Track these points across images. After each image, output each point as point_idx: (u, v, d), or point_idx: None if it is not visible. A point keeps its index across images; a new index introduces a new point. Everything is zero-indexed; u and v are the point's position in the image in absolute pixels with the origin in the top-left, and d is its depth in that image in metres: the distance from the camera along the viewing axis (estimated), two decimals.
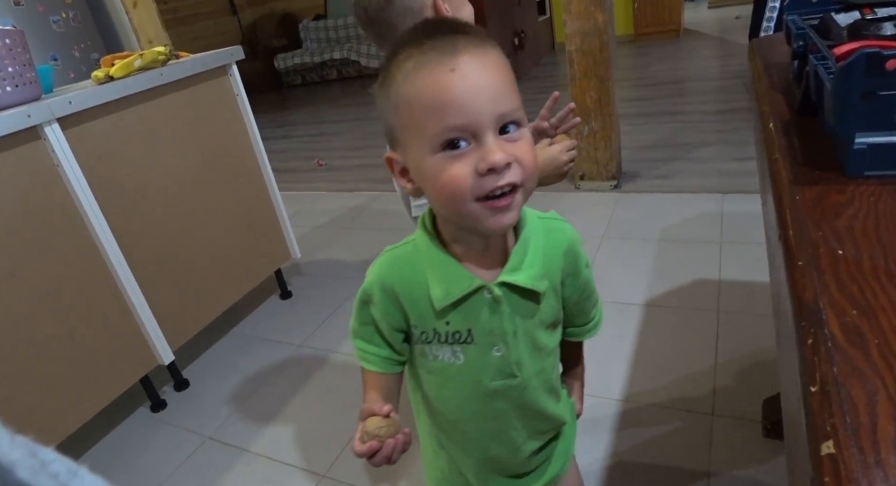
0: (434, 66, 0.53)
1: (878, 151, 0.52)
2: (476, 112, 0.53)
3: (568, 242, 0.69)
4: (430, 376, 0.71)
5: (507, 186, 0.54)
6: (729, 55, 4.77)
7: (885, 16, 0.73)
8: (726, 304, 1.73)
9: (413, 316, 0.67)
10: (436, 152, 0.54)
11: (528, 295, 0.65)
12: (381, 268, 0.68)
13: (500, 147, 0.53)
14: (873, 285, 0.40)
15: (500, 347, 0.66)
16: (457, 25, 0.57)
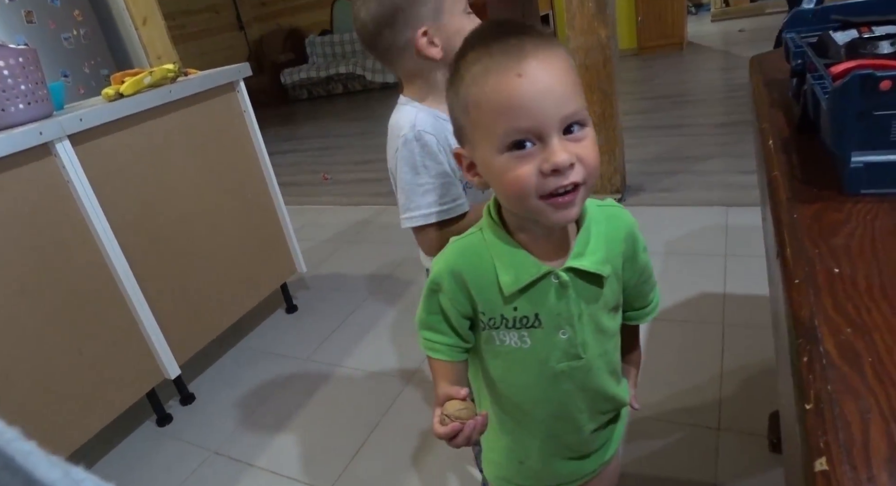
0: (502, 71, 0.56)
1: (874, 169, 0.53)
2: (542, 115, 0.55)
3: (627, 227, 0.72)
4: (496, 361, 0.74)
5: (570, 185, 0.57)
6: (733, 68, 4.79)
7: (883, 34, 0.74)
8: (731, 317, 1.73)
9: (481, 302, 0.69)
10: (503, 152, 0.58)
11: (593, 279, 0.68)
12: (449, 256, 0.71)
13: (563, 148, 0.56)
14: (868, 303, 0.41)
15: (567, 329, 0.69)
16: (524, 28, 0.59)
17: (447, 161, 0.90)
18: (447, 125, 0.86)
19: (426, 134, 0.89)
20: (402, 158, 0.90)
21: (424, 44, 0.88)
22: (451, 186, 0.91)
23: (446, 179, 0.90)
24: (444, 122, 0.90)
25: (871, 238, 0.48)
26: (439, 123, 0.90)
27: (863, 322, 0.39)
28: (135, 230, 1.65)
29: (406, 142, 0.89)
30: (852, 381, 0.35)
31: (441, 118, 0.91)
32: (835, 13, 0.86)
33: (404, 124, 0.90)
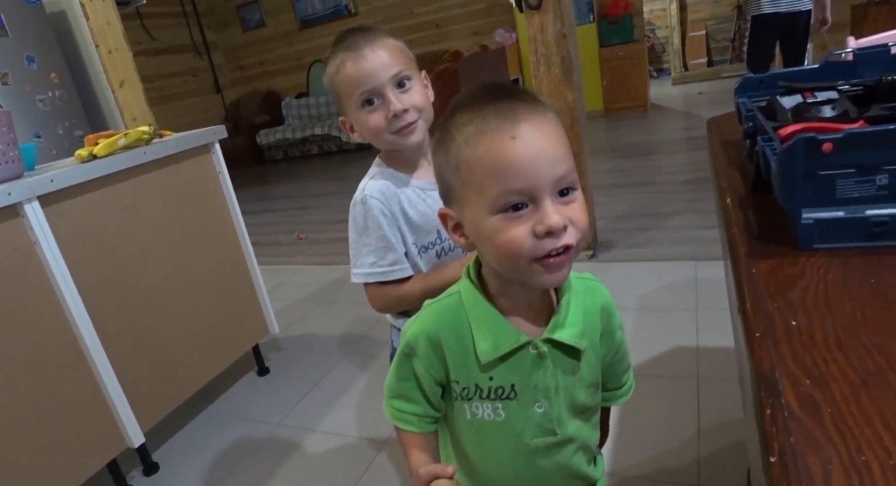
0: (496, 133, 0.57)
1: (824, 225, 0.56)
2: (536, 177, 0.56)
3: (604, 302, 0.71)
4: (469, 434, 0.72)
5: (562, 247, 0.57)
6: (694, 128, 5.01)
7: (825, 99, 0.79)
8: (705, 371, 1.74)
9: (455, 370, 0.68)
10: (495, 213, 0.58)
11: (571, 352, 0.67)
12: (425, 320, 0.69)
13: (557, 210, 0.57)
14: (825, 354, 0.42)
15: (543, 403, 0.67)
16: (515, 91, 0.61)
17: (389, 227, 0.96)
18: (404, 193, 0.97)
19: (371, 199, 0.96)
20: (351, 218, 0.99)
21: (347, 128, 0.99)
22: (389, 252, 0.97)
23: (385, 243, 0.96)
24: (405, 188, 0.98)
25: (824, 291, 0.50)
26: (391, 190, 0.97)
27: (820, 374, 0.40)
28: (103, 291, 1.62)
29: (355, 203, 0.98)
30: (814, 432, 0.36)
31: (402, 182, 0.98)
32: (781, 80, 0.92)
33: (360, 186, 0.99)
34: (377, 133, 0.94)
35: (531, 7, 2.41)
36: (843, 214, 0.55)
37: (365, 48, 0.90)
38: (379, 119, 0.92)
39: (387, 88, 0.91)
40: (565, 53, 2.44)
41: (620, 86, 6.12)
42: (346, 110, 0.96)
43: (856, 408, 0.37)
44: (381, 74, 0.90)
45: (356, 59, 0.90)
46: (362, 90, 0.91)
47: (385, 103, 0.92)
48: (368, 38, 0.92)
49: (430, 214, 0.99)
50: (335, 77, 0.93)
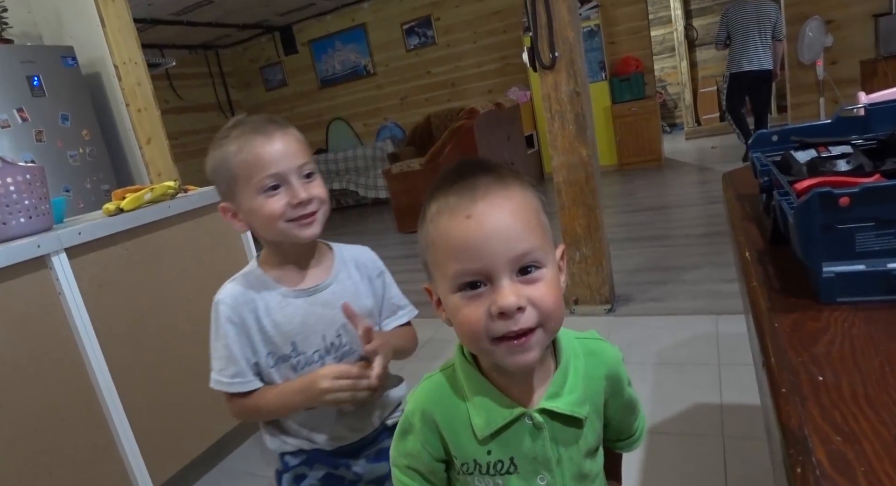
0: (452, 212, 0.57)
1: (845, 279, 0.56)
2: (489, 257, 0.55)
3: (609, 364, 0.69)
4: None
5: (520, 330, 0.55)
6: (708, 182, 5.03)
7: (839, 153, 0.80)
8: (730, 429, 1.69)
9: (453, 446, 0.65)
10: (454, 292, 0.57)
11: (571, 421, 0.64)
12: (419, 396, 0.68)
13: (513, 290, 0.54)
14: (854, 410, 0.41)
15: (545, 475, 0.64)
16: (484, 168, 0.60)
17: (236, 337, 0.93)
18: (263, 298, 0.94)
19: (222, 304, 0.93)
20: (211, 317, 0.95)
21: (228, 216, 0.94)
22: (230, 363, 0.93)
23: (228, 353, 0.93)
24: (267, 293, 0.94)
25: (850, 346, 0.49)
26: (246, 296, 0.93)
27: (851, 430, 0.39)
28: (122, 343, 1.63)
29: (213, 304, 0.95)
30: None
31: (265, 287, 0.95)
32: (794, 135, 0.93)
33: (218, 292, 0.96)
34: (272, 221, 0.89)
35: (545, 67, 2.48)
36: (864, 268, 0.55)
37: (276, 132, 0.89)
38: (279, 205, 0.88)
39: (293, 176, 0.88)
40: (579, 110, 2.50)
41: (634, 141, 6.21)
42: (236, 194, 0.90)
43: (890, 466, 0.36)
44: (291, 161, 0.88)
45: (266, 142, 0.87)
46: (269, 173, 0.87)
47: (289, 190, 0.88)
48: (279, 124, 0.91)
49: (286, 325, 0.93)
50: (236, 156, 0.88)
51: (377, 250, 1.05)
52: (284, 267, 0.97)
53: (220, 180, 0.91)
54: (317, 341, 0.95)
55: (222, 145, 0.89)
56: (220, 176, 0.91)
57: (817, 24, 4.85)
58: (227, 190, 0.91)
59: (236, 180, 0.89)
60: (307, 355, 0.95)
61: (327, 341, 0.96)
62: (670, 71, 8.86)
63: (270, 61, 8.24)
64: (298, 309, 0.94)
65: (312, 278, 0.97)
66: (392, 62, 7.46)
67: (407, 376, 1.04)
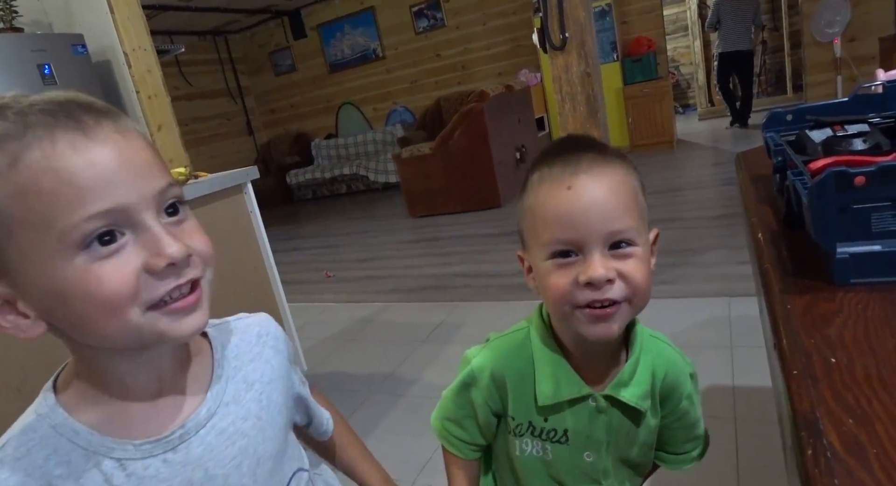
0: (555, 182, 0.58)
1: (860, 260, 0.55)
2: (585, 229, 0.56)
3: (673, 369, 0.69)
4: (514, 467, 0.72)
5: (606, 300, 0.57)
6: (722, 163, 4.97)
7: (855, 132, 0.78)
8: (743, 411, 1.68)
9: (513, 406, 0.68)
10: (547, 259, 0.59)
11: (631, 412, 0.66)
12: (492, 354, 0.70)
13: (604, 263, 0.56)
14: (867, 392, 0.41)
15: (592, 453, 0.67)
16: (589, 144, 0.61)
17: None
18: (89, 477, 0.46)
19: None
20: None
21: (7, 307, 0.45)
22: None
23: None
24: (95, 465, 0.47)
25: (864, 327, 0.49)
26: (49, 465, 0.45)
27: (864, 413, 0.39)
28: None
29: None
30: (859, 474, 0.34)
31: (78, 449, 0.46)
32: (809, 114, 0.92)
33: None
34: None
35: (555, 48, 2.45)
36: (879, 248, 0.54)
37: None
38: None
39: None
40: (590, 92, 2.47)
41: (646, 122, 6.13)
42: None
43: None
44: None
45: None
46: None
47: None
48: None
49: None
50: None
51: (388, 235, 1.01)
52: (119, 397, 0.49)
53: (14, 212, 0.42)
54: None
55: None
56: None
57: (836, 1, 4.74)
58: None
59: (13, 227, 0.42)
60: None
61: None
62: (683, 51, 8.72)
63: (279, 46, 8.21)
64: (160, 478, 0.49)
65: (172, 411, 0.51)
66: (401, 46, 7.40)
67: (416, 359, 1.04)
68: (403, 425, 2.01)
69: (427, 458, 1.78)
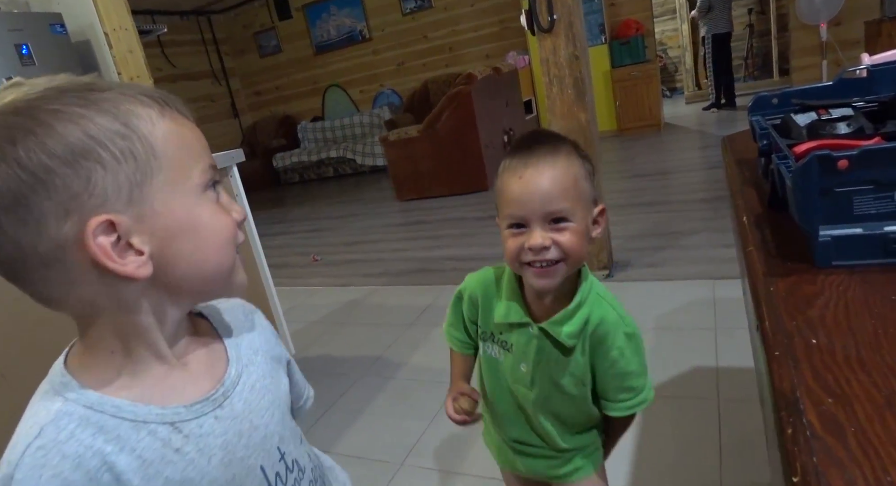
0: (511, 172, 0.76)
1: (842, 242, 0.56)
2: (529, 209, 0.74)
3: (605, 324, 0.83)
4: (484, 365, 0.95)
5: (544, 261, 0.75)
6: (708, 146, 4.99)
7: (839, 116, 0.79)
8: (726, 392, 1.71)
9: (481, 318, 0.92)
10: (507, 228, 0.78)
11: (560, 346, 0.83)
12: (475, 280, 0.93)
13: (542, 235, 0.74)
14: (847, 373, 0.42)
15: (525, 365, 0.86)
16: (544, 139, 0.78)
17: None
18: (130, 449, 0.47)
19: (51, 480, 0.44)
20: None
21: (106, 248, 0.45)
22: None
23: None
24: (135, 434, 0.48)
25: (844, 309, 0.49)
26: (98, 443, 0.46)
27: (843, 392, 0.40)
28: None
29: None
30: (837, 452, 0.35)
31: (126, 424, 0.47)
32: (794, 98, 0.92)
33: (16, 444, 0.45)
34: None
35: (543, 30, 2.44)
36: (861, 231, 0.55)
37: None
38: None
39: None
40: (578, 75, 2.46)
41: (633, 105, 6.14)
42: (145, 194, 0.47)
43: (880, 427, 0.36)
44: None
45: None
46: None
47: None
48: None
49: (197, 480, 0.50)
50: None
51: (375, 218, 1.05)
52: (155, 368, 0.51)
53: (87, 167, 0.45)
54: (276, 468, 0.58)
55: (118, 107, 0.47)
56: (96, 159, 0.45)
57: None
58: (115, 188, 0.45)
59: (163, 164, 0.48)
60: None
61: (270, 475, 0.57)
62: (671, 34, 8.71)
63: (264, 27, 8.09)
64: (207, 444, 0.51)
65: (206, 375, 0.55)
66: (388, 27, 7.32)
67: (404, 343, 1.05)
68: (392, 407, 2.02)
69: (416, 439, 1.80)
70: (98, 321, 0.48)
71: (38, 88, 0.45)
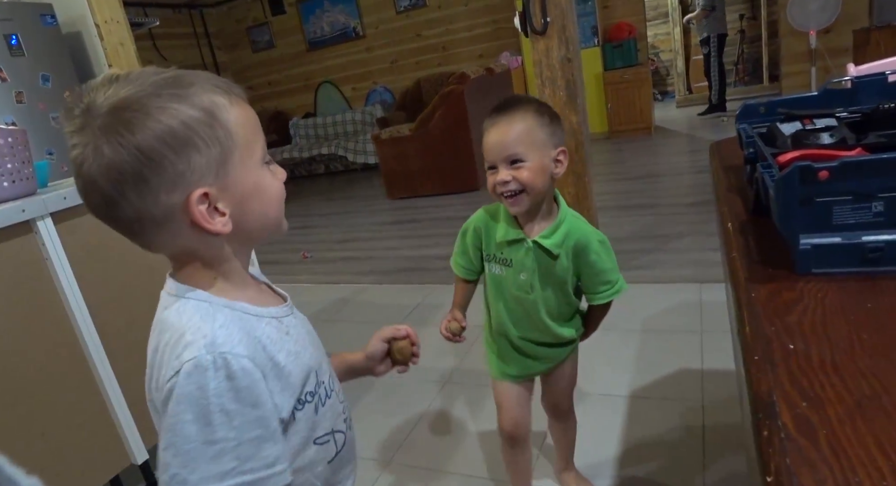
0: (487, 128, 1.07)
1: (821, 251, 0.57)
2: (495, 155, 1.05)
3: (583, 236, 1.12)
4: (490, 284, 1.22)
5: (508, 191, 1.05)
6: (698, 151, 5.04)
7: (823, 126, 0.81)
8: (711, 394, 1.73)
9: (485, 243, 1.19)
10: (487, 169, 1.08)
11: (549, 253, 1.11)
12: (478, 216, 1.20)
13: (504, 172, 1.04)
14: (821, 377, 0.43)
15: (524, 274, 1.13)
16: (512, 101, 1.07)
17: (271, 397, 0.60)
18: (259, 325, 0.64)
19: (239, 359, 0.57)
20: (184, 398, 0.55)
21: (203, 213, 0.59)
22: (264, 443, 0.58)
23: (263, 429, 0.58)
24: (255, 320, 0.64)
25: (822, 316, 0.51)
26: (248, 324, 0.63)
27: (817, 396, 0.41)
28: (111, 308, 1.63)
29: (197, 370, 0.56)
30: (809, 453, 0.37)
31: (248, 315, 0.64)
32: (781, 107, 0.94)
33: (192, 337, 0.58)
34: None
35: (536, 32, 2.45)
36: (839, 240, 0.57)
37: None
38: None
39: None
40: (570, 77, 2.48)
41: (625, 108, 6.17)
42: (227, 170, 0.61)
43: (850, 430, 0.38)
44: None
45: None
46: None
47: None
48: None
49: (302, 355, 0.68)
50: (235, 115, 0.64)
51: (366, 216, 1.07)
52: (247, 283, 0.70)
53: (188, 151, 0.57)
54: (326, 366, 0.77)
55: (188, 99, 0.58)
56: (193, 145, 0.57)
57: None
58: (207, 167, 0.59)
59: (239, 144, 0.61)
60: (326, 384, 0.73)
61: (326, 359, 0.80)
62: (663, 38, 8.76)
63: (257, 22, 8.04)
64: (300, 329, 0.73)
65: (273, 298, 0.77)
66: (382, 24, 7.31)
67: None
68: (381, 405, 2.03)
69: (404, 437, 1.81)
70: (194, 261, 0.64)
71: (137, 82, 0.57)
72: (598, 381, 1.88)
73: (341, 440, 0.74)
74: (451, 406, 1.93)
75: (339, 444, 0.74)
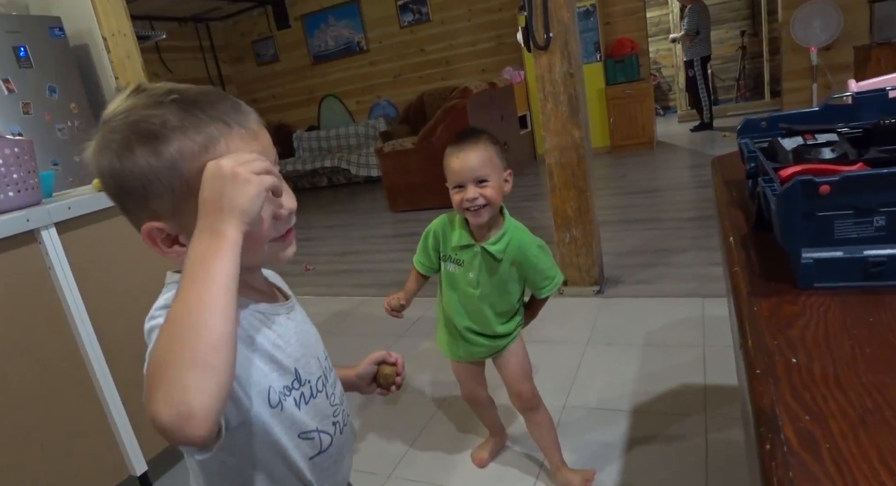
0: (453, 154, 1.29)
1: (823, 265, 0.57)
2: (462, 177, 1.27)
3: (523, 243, 1.36)
4: (444, 280, 1.45)
5: (475, 206, 1.27)
6: (700, 165, 5.05)
7: (824, 141, 0.81)
8: (713, 409, 1.72)
9: (442, 245, 1.42)
10: (452, 188, 1.31)
11: (494, 257, 1.34)
12: (438, 223, 1.43)
13: (473, 190, 1.27)
14: (824, 391, 0.43)
15: (472, 272, 1.37)
16: (470, 132, 1.31)
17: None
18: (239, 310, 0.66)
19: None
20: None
21: (156, 241, 0.71)
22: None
23: None
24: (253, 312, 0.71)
25: (824, 330, 0.51)
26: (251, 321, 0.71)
27: (819, 410, 0.41)
28: (113, 318, 1.63)
29: None
30: (812, 467, 0.36)
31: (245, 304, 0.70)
32: (782, 122, 0.94)
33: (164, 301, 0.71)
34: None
35: (539, 47, 2.47)
36: (841, 255, 0.57)
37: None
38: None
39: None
40: (572, 92, 2.49)
41: (627, 123, 6.20)
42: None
43: (853, 444, 0.38)
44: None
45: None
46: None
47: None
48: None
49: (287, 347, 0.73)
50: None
51: (368, 229, 1.07)
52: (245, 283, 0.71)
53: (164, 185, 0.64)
54: (316, 370, 0.78)
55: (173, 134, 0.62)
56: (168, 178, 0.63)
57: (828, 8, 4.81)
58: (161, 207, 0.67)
59: (194, 192, 0.62)
60: (311, 384, 0.76)
61: (322, 365, 0.80)
62: (665, 53, 8.82)
63: (262, 36, 8.12)
64: (288, 327, 0.75)
65: (275, 296, 0.81)
66: (386, 39, 7.37)
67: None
68: (381, 419, 2.02)
69: (404, 451, 1.80)
70: None
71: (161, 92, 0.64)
72: (599, 395, 1.87)
73: (327, 441, 0.78)
74: (452, 421, 1.92)
75: (325, 444, 0.77)
